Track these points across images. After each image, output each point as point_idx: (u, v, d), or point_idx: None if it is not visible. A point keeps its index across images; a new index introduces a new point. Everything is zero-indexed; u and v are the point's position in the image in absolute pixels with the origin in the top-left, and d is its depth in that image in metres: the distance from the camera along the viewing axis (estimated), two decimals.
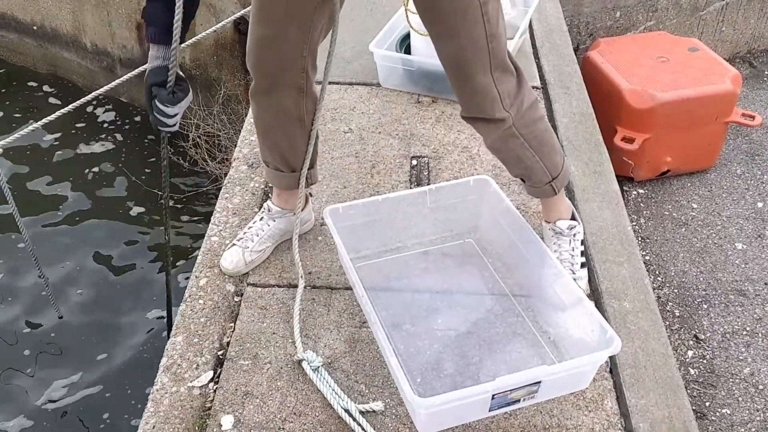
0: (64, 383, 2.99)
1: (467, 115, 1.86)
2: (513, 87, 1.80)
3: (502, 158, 1.99)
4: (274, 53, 1.82)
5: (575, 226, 2.06)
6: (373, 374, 1.82)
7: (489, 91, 1.76)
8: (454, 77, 1.78)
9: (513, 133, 1.86)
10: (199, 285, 2.05)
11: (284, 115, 1.93)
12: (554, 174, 1.98)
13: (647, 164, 3.29)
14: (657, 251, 3.06)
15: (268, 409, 1.72)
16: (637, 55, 3.37)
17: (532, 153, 1.91)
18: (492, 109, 1.79)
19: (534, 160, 1.93)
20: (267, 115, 1.96)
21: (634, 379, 1.85)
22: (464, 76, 1.74)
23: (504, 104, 1.79)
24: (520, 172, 2.00)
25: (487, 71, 1.73)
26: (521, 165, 1.95)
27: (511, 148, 1.90)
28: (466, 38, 1.67)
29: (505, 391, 1.66)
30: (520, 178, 2.03)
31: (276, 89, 1.88)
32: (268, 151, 2.03)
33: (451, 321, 1.96)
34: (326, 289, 2.06)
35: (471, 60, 1.70)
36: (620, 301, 2.05)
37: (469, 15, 1.64)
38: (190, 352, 1.86)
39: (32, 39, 5.27)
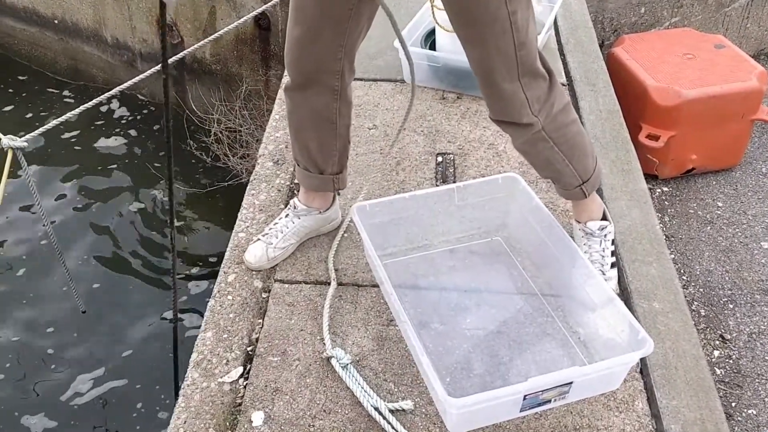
0: (89, 377, 3.01)
1: (495, 118, 1.84)
2: (543, 92, 1.77)
3: (530, 161, 1.98)
4: (308, 54, 1.81)
5: (606, 227, 2.04)
6: (401, 373, 1.81)
7: (516, 98, 1.73)
8: (482, 81, 1.75)
9: (542, 137, 1.83)
10: (228, 281, 2.05)
11: (315, 115, 1.93)
12: (585, 177, 1.96)
13: (672, 162, 3.26)
14: (682, 250, 3.03)
15: (297, 405, 1.72)
16: (663, 51, 3.34)
17: (561, 156, 1.89)
18: (519, 114, 1.76)
19: (564, 163, 1.91)
20: (298, 113, 1.95)
21: (665, 380, 1.83)
22: (491, 81, 1.72)
23: (532, 109, 1.76)
24: (548, 174, 1.98)
25: (515, 78, 1.70)
26: (550, 168, 1.94)
27: (540, 151, 1.88)
28: (494, 47, 1.65)
29: (537, 391, 1.65)
30: (551, 180, 2.02)
31: (309, 88, 1.88)
32: (298, 149, 2.03)
33: (480, 320, 1.95)
34: (353, 286, 2.05)
35: (498, 67, 1.68)
36: (650, 301, 2.03)
37: (497, 25, 1.61)
38: (220, 348, 1.86)
39: (53, 33, 5.29)
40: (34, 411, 2.91)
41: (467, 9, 1.63)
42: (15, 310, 3.32)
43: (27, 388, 3.00)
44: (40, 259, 3.56)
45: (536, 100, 1.76)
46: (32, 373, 3.05)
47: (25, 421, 2.87)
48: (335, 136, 1.98)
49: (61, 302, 3.33)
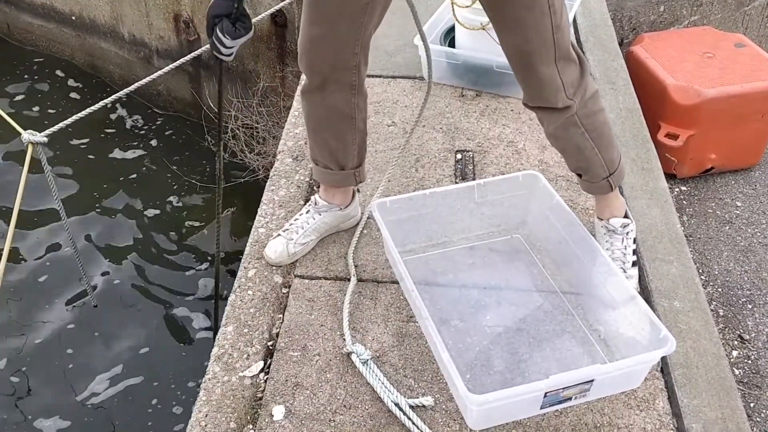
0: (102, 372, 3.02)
1: (531, 104, 1.85)
2: (576, 76, 1.79)
3: (561, 147, 1.96)
4: (326, 52, 1.82)
5: (628, 224, 2.04)
6: (422, 369, 1.81)
7: (553, 82, 1.75)
8: (519, 68, 1.77)
9: (574, 122, 1.84)
10: (248, 276, 2.06)
11: (335, 113, 1.93)
12: (611, 169, 1.96)
13: (691, 161, 3.25)
14: (700, 249, 3.02)
15: (318, 400, 1.73)
16: (682, 50, 3.32)
17: (591, 144, 1.89)
18: (555, 98, 1.78)
19: (593, 152, 1.91)
20: (317, 113, 1.96)
21: (686, 379, 1.83)
22: (529, 67, 1.73)
23: (567, 93, 1.78)
24: (578, 164, 1.97)
25: (552, 62, 1.72)
26: (580, 156, 1.93)
27: (572, 137, 1.88)
28: (533, 30, 1.67)
29: (558, 389, 1.64)
30: (577, 173, 2.01)
31: (327, 87, 1.88)
32: (318, 149, 2.03)
33: (499, 317, 1.94)
34: (372, 283, 2.05)
35: (536, 51, 1.70)
36: (670, 300, 2.02)
37: (536, 7, 1.64)
38: (241, 342, 1.87)
39: (71, 29, 5.32)
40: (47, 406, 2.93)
41: None
42: (29, 302, 3.34)
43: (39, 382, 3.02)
44: (56, 253, 3.59)
45: (571, 84, 1.78)
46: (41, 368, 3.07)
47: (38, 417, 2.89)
48: (355, 130, 1.99)
49: (74, 296, 3.34)
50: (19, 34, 5.61)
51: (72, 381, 3.01)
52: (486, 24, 2.61)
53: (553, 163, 2.46)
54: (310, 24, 1.79)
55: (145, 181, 4.15)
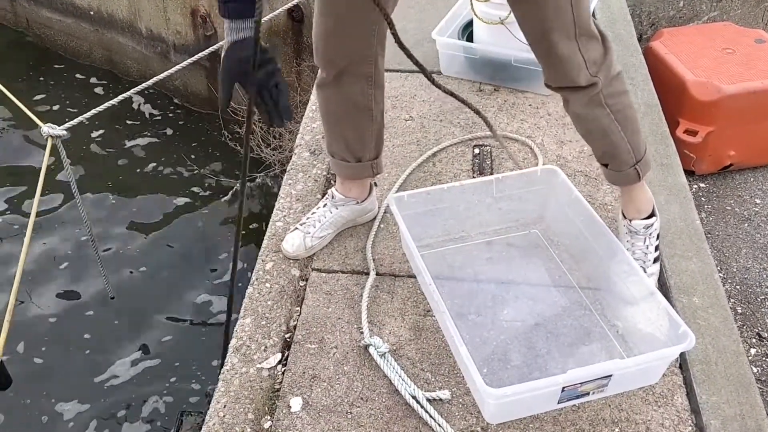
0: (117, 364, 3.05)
1: (554, 85, 1.82)
2: (599, 54, 1.76)
3: (587, 129, 1.90)
4: (342, 44, 1.81)
5: (652, 224, 2.00)
6: (438, 363, 1.81)
7: (574, 58, 1.72)
8: (539, 46, 1.74)
9: (599, 101, 1.80)
10: (266, 269, 2.07)
11: (352, 105, 1.93)
12: (638, 156, 1.91)
13: (709, 158, 3.22)
14: (719, 247, 2.99)
15: (335, 392, 1.73)
16: (702, 46, 3.29)
17: (618, 127, 1.85)
18: (578, 76, 1.75)
19: (620, 135, 1.86)
20: (334, 106, 1.96)
21: (705, 376, 1.82)
22: (549, 44, 1.70)
23: (590, 71, 1.75)
24: (604, 149, 1.92)
25: (572, 37, 1.69)
26: (607, 140, 1.88)
27: (597, 118, 1.84)
28: (552, 6, 1.64)
29: (576, 384, 1.64)
30: (603, 162, 1.96)
31: (344, 80, 1.88)
32: (335, 141, 2.03)
33: (517, 312, 1.94)
34: (389, 276, 2.05)
35: (555, 27, 1.67)
36: (689, 296, 2.01)
37: None
38: (258, 334, 1.88)
39: (89, 24, 5.35)
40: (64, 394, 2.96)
41: None
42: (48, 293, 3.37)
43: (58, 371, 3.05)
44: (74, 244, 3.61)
45: (593, 62, 1.75)
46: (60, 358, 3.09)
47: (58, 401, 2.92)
48: (372, 122, 1.99)
49: (92, 287, 3.37)
50: (38, 29, 5.65)
51: (90, 370, 3.04)
52: (505, 18, 2.60)
53: (571, 159, 2.45)
54: (323, 16, 1.79)
55: (162, 174, 4.18)
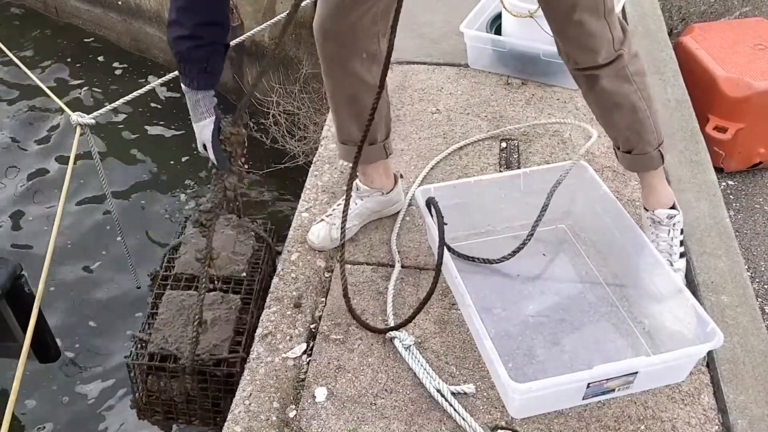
0: None
1: (581, 66, 1.84)
2: (621, 34, 1.81)
3: (616, 104, 1.88)
4: (350, 20, 1.80)
5: (675, 215, 2.00)
6: (463, 356, 1.81)
7: (604, 34, 1.77)
8: (569, 24, 1.76)
9: (627, 76, 1.84)
10: (291, 259, 2.08)
11: (362, 85, 1.91)
12: (660, 138, 1.94)
13: (739, 155, 3.18)
14: (747, 245, 2.96)
15: (360, 384, 1.74)
16: (733, 41, 3.25)
17: (644, 105, 1.88)
18: (608, 51, 1.79)
19: (646, 114, 1.89)
20: (344, 88, 1.94)
21: (733, 375, 1.80)
22: (579, 22, 1.73)
23: (615, 46, 1.80)
24: (632, 129, 1.92)
25: (601, 15, 1.74)
26: (635, 117, 1.89)
27: (627, 94, 1.86)
28: None
29: (601, 380, 1.63)
30: (627, 149, 1.96)
31: (352, 59, 1.87)
32: (348, 125, 2.01)
33: (542, 307, 1.93)
34: (415, 269, 2.05)
35: (586, 4, 1.71)
36: (718, 294, 1.99)
37: None
38: (284, 324, 1.89)
39: (116, 14, 5.39)
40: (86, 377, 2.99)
41: None
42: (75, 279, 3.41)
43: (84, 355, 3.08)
44: (101, 232, 3.65)
45: (618, 40, 1.80)
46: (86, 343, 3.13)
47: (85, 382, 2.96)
48: (383, 101, 1.96)
49: (118, 275, 3.40)
50: (67, 18, 5.71)
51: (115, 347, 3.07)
52: (534, 12, 2.58)
53: (599, 154, 2.43)
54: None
55: (187, 162, 4.20)
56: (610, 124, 1.96)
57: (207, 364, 1.94)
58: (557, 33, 1.82)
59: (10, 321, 2.21)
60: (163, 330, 2.04)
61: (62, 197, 2.54)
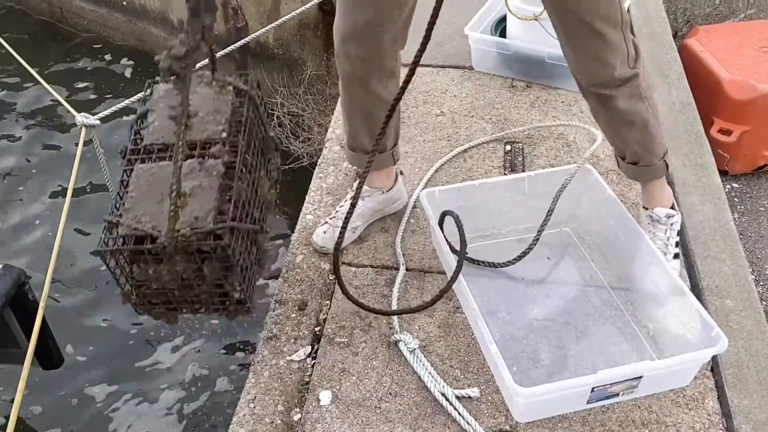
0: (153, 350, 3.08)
1: (595, 82, 1.81)
2: (635, 51, 1.80)
3: (629, 123, 1.88)
4: (373, 43, 1.81)
5: (673, 215, 2.01)
6: (468, 360, 1.81)
7: (620, 47, 1.75)
8: (585, 36, 1.73)
9: (640, 94, 1.83)
10: (296, 262, 2.08)
11: (378, 102, 1.93)
12: (665, 148, 1.95)
13: (744, 158, 3.18)
14: (751, 248, 2.96)
15: (364, 387, 1.74)
16: (738, 44, 3.25)
17: (654, 119, 1.89)
18: (623, 66, 1.77)
19: (655, 128, 1.90)
20: (361, 102, 1.96)
21: (737, 379, 1.80)
22: (597, 32, 1.71)
23: (630, 62, 1.78)
24: (641, 144, 1.92)
25: (618, 27, 1.72)
26: (645, 132, 1.90)
27: (640, 111, 1.86)
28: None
29: (606, 384, 1.63)
30: (633, 161, 1.97)
31: (372, 78, 1.88)
32: (359, 136, 2.03)
33: (547, 311, 1.93)
34: (419, 272, 2.06)
35: (605, 14, 1.69)
36: (722, 298, 1.99)
37: None
38: (288, 327, 1.89)
39: (121, 14, 5.40)
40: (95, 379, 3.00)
41: None
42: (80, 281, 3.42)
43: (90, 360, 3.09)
44: None
45: (632, 56, 1.79)
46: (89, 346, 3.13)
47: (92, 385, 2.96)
48: (396, 113, 1.99)
49: None
50: (72, 18, 5.72)
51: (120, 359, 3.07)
52: (539, 15, 2.58)
53: (603, 157, 2.43)
54: (357, 8, 1.78)
55: None
56: (619, 139, 1.96)
57: (189, 240, 1.55)
58: (570, 43, 1.78)
59: (14, 328, 2.22)
60: (134, 209, 1.65)
61: (67, 199, 2.54)
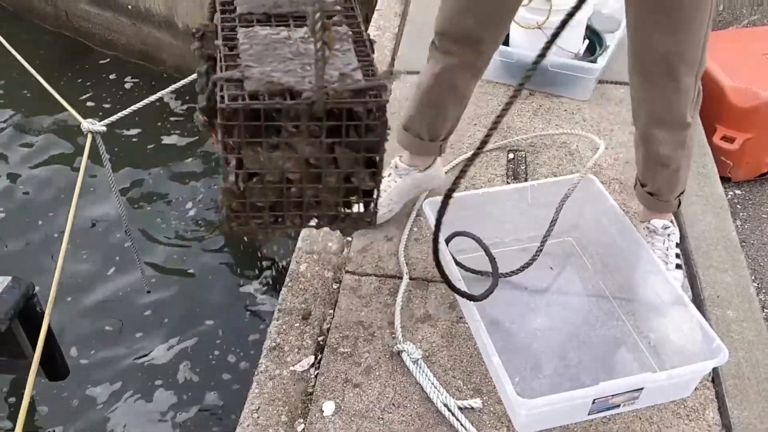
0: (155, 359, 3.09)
1: (653, 117, 1.78)
2: (697, 96, 1.75)
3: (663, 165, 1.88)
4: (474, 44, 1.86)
5: (669, 227, 2.03)
6: (470, 370, 1.83)
7: (690, 92, 1.70)
8: (659, 76, 1.69)
9: (684, 143, 1.82)
10: (299, 270, 2.09)
11: (453, 93, 1.98)
12: (684, 187, 1.98)
13: (747, 165, 3.18)
14: (754, 255, 2.96)
15: (367, 398, 1.75)
16: (741, 51, 3.25)
17: (687, 166, 1.91)
18: (686, 111, 1.73)
19: (686, 172, 1.93)
20: (437, 89, 1.98)
21: (738, 391, 1.81)
22: (672, 74, 1.66)
23: (691, 111, 1.74)
24: (668, 183, 1.94)
25: (692, 73, 1.67)
26: (675, 176, 1.91)
27: (678, 159, 1.86)
28: (693, 33, 1.61)
29: (607, 396, 1.64)
30: (651, 191, 1.99)
31: (460, 74, 1.93)
32: (419, 118, 2.06)
33: (550, 321, 1.95)
34: (422, 281, 2.07)
35: (686, 57, 1.64)
36: (723, 309, 2.00)
37: (704, 10, 1.59)
38: (292, 336, 1.90)
39: (127, 18, 5.41)
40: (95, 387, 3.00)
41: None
42: (85, 286, 3.42)
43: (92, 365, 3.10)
44: (112, 238, 3.66)
45: (696, 102, 1.75)
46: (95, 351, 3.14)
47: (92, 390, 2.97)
48: (461, 109, 2.06)
49: (129, 281, 3.41)
50: (77, 22, 5.73)
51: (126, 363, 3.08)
52: (542, 23, 2.59)
53: (606, 166, 2.44)
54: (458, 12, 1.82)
55: (198, 168, 4.21)
56: (649, 173, 1.97)
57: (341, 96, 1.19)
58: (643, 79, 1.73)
59: (21, 340, 2.24)
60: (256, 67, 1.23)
61: (72, 206, 2.56)
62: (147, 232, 3.70)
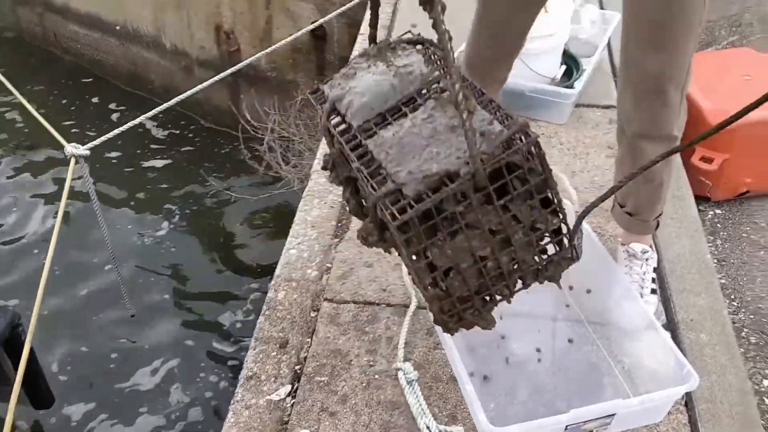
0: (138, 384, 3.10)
1: (641, 132, 1.83)
2: (682, 114, 1.81)
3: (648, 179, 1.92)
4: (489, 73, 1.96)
5: (648, 251, 2.05)
6: (446, 396, 1.84)
7: (676, 109, 1.76)
8: (648, 90, 1.74)
9: (670, 158, 1.86)
10: (278, 298, 2.11)
11: None
12: (663, 208, 2.01)
13: (725, 185, 3.21)
14: (733, 275, 2.99)
15: (343, 426, 1.77)
16: (720, 72, 3.29)
17: (668, 182, 1.94)
18: (672, 126, 1.79)
19: (667, 189, 1.96)
20: None
21: (710, 415, 1.83)
22: (660, 89, 1.72)
23: (675, 130, 1.80)
24: (649, 199, 1.97)
25: (679, 88, 1.73)
26: (657, 191, 1.94)
27: (662, 172, 1.90)
28: (681, 52, 1.66)
29: (579, 422, 1.66)
30: (631, 212, 2.02)
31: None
32: None
33: (524, 346, 1.96)
34: (402, 307, 2.08)
35: (674, 73, 1.70)
36: (697, 332, 2.02)
37: (692, 30, 1.65)
38: (269, 366, 1.92)
39: (115, 38, 5.46)
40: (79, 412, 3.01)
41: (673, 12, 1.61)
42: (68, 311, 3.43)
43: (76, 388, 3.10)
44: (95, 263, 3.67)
45: (682, 118, 1.81)
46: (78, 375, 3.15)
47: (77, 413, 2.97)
48: None
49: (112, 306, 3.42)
50: (65, 42, 5.77)
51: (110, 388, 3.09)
52: None
53: (582, 189, 2.46)
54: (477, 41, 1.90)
55: (182, 192, 4.24)
56: (632, 190, 2.00)
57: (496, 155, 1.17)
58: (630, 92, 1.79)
59: (7, 368, 2.26)
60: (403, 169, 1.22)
61: (55, 231, 2.55)
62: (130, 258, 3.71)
